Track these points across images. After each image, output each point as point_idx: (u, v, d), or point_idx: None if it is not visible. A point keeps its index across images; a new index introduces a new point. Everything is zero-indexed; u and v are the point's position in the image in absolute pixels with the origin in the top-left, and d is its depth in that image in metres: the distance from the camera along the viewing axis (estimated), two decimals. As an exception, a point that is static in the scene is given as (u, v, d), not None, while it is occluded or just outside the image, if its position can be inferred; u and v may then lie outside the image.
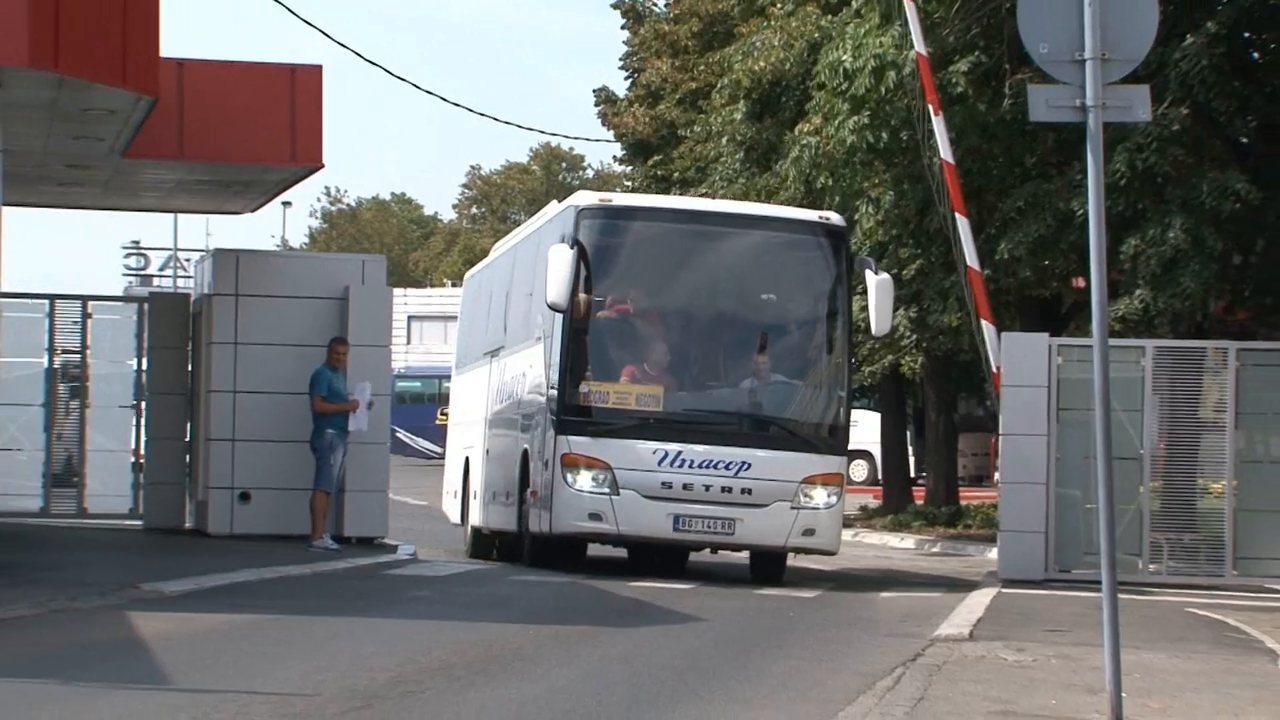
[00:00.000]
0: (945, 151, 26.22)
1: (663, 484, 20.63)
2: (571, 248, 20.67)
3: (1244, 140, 29.34)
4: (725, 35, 41.44)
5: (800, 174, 29.95)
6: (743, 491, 20.65)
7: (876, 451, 41.67)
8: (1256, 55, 29.16)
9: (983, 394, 37.06)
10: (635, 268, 22.05)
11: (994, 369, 25.22)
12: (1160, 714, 12.33)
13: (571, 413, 20.95)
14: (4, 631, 14.69)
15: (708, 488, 20.64)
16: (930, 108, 26.24)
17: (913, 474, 42.70)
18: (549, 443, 21.13)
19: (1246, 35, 28.67)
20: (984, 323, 26.00)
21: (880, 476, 41.56)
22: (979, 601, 20.36)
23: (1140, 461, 23.62)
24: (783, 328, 22.21)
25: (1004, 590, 22.09)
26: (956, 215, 26.21)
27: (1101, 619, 10.73)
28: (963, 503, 37.87)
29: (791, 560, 22.92)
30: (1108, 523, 10.78)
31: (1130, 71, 10.87)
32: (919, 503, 38.45)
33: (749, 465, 20.73)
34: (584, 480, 20.63)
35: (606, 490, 20.57)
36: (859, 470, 49.24)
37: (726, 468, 20.69)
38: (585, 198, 22.30)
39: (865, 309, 22.17)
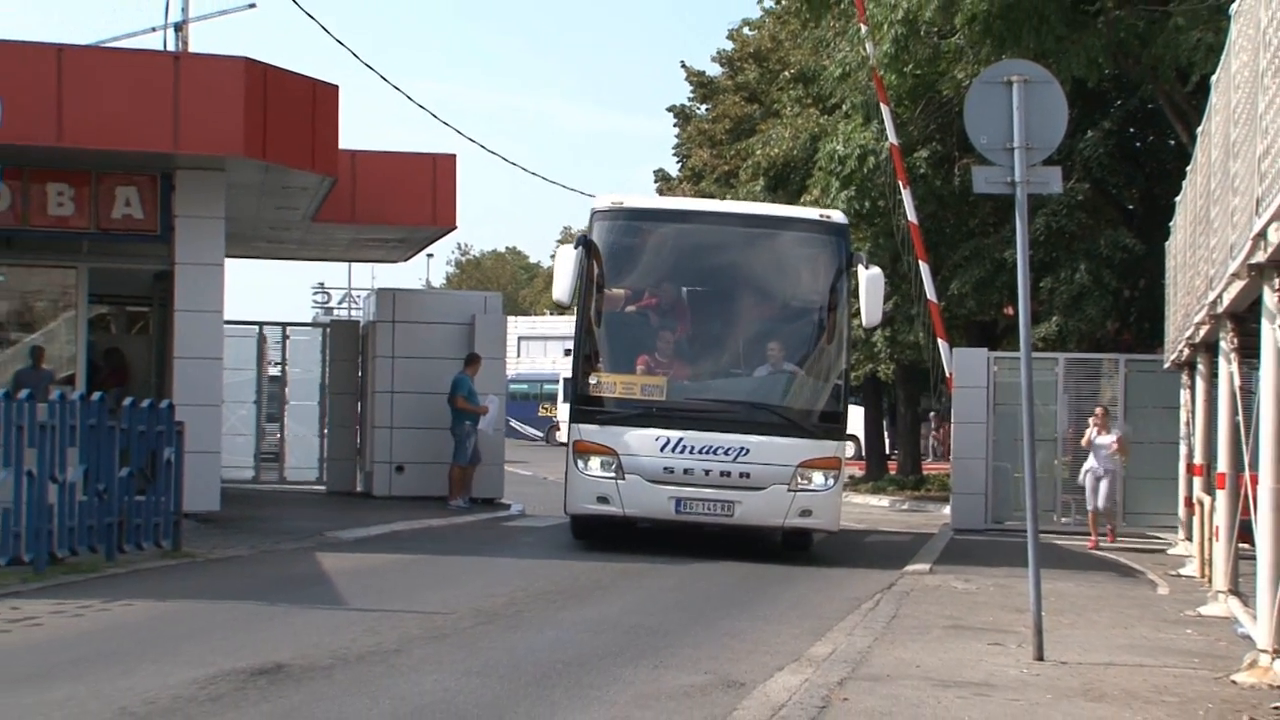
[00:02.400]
0: (911, 215, 26.16)
1: (665, 469, 16.75)
2: (576, 247, 17.07)
3: (1130, 207, 29.34)
4: (749, 131, 41.39)
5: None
6: (741, 475, 16.75)
7: (861, 435, 41.30)
8: (1139, 144, 29.16)
9: (938, 393, 36.82)
10: (644, 264, 17.93)
11: (947, 375, 25.10)
12: (1070, 627, 12.26)
13: (582, 402, 17.16)
14: (227, 567, 14.79)
15: (707, 472, 16.74)
16: (900, 183, 26.20)
17: (887, 451, 42.42)
18: (566, 430, 17.81)
19: (1132, 130, 28.70)
20: (940, 341, 25.90)
21: (864, 453, 41.28)
22: (937, 545, 20.30)
23: (1055, 442, 23.64)
24: (783, 320, 17.79)
25: (955, 537, 22.01)
26: (920, 262, 26.15)
27: (1027, 558, 10.65)
28: (924, 472, 37.64)
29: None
30: (1031, 487, 10.71)
31: (1047, 156, 10.82)
32: (892, 473, 38.22)
33: (747, 451, 16.74)
34: (593, 465, 16.93)
35: (613, 475, 16.84)
36: (848, 449, 48.85)
37: (725, 453, 16.72)
38: (601, 201, 17.99)
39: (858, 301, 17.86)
